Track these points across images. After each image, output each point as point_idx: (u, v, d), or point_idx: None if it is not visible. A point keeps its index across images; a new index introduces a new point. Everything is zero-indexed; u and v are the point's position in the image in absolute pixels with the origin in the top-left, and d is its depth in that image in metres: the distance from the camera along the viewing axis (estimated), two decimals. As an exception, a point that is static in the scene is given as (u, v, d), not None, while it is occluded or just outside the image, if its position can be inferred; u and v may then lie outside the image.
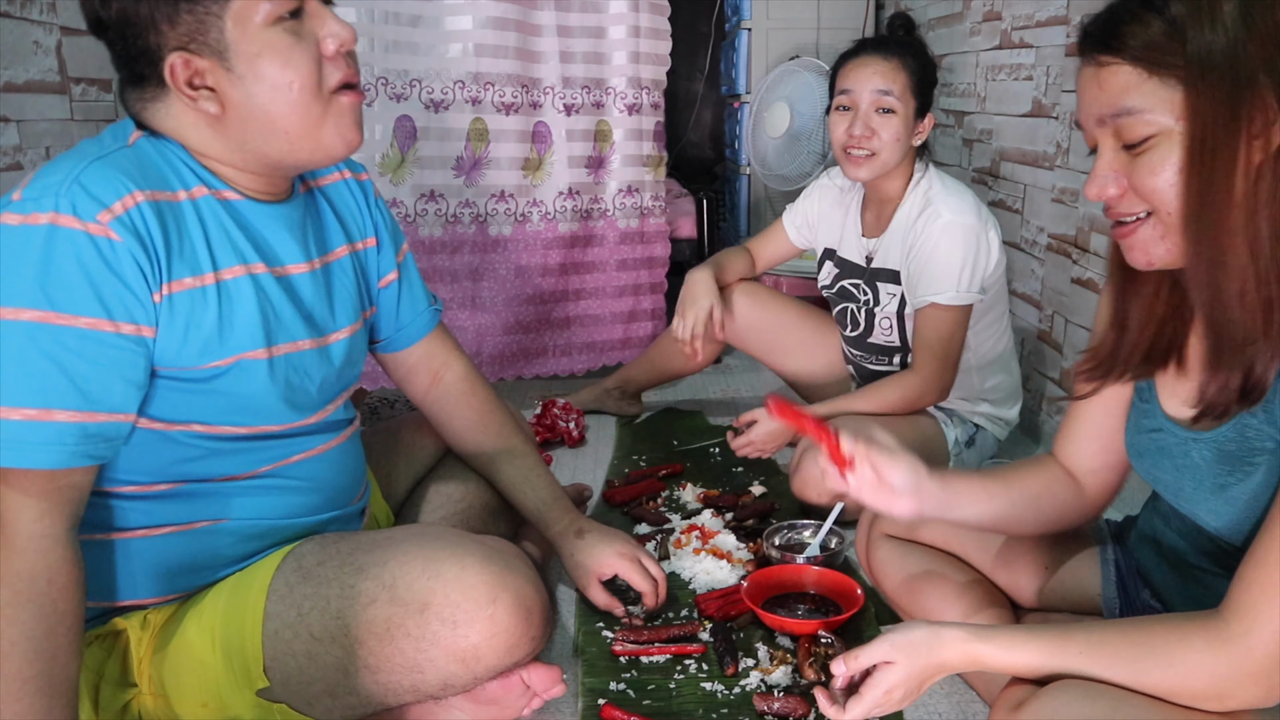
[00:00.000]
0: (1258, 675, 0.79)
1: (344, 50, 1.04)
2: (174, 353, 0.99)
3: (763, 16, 3.27)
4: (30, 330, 0.90)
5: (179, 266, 0.99)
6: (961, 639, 0.91)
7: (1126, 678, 0.83)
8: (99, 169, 0.95)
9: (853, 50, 1.86)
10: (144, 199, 0.96)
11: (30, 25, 1.83)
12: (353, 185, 1.27)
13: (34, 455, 0.90)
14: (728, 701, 1.25)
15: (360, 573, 1.05)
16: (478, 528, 1.39)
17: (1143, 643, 0.84)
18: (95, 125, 2.02)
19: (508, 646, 1.06)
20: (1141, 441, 1.01)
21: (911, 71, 1.80)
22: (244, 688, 1.05)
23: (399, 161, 2.43)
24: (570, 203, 2.63)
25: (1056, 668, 0.87)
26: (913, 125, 1.81)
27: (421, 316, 1.36)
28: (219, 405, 1.04)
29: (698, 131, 4.23)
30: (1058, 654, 0.87)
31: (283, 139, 1.03)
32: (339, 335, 1.18)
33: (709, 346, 2.21)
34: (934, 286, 1.76)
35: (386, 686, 1.05)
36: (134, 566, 1.06)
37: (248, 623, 1.04)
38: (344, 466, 1.21)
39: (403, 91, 2.39)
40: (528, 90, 2.52)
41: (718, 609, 1.44)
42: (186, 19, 0.97)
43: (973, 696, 1.27)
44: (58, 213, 0.91)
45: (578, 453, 2.20)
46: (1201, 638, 0.81)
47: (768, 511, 1.81)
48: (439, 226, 2.51)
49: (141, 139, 1.03)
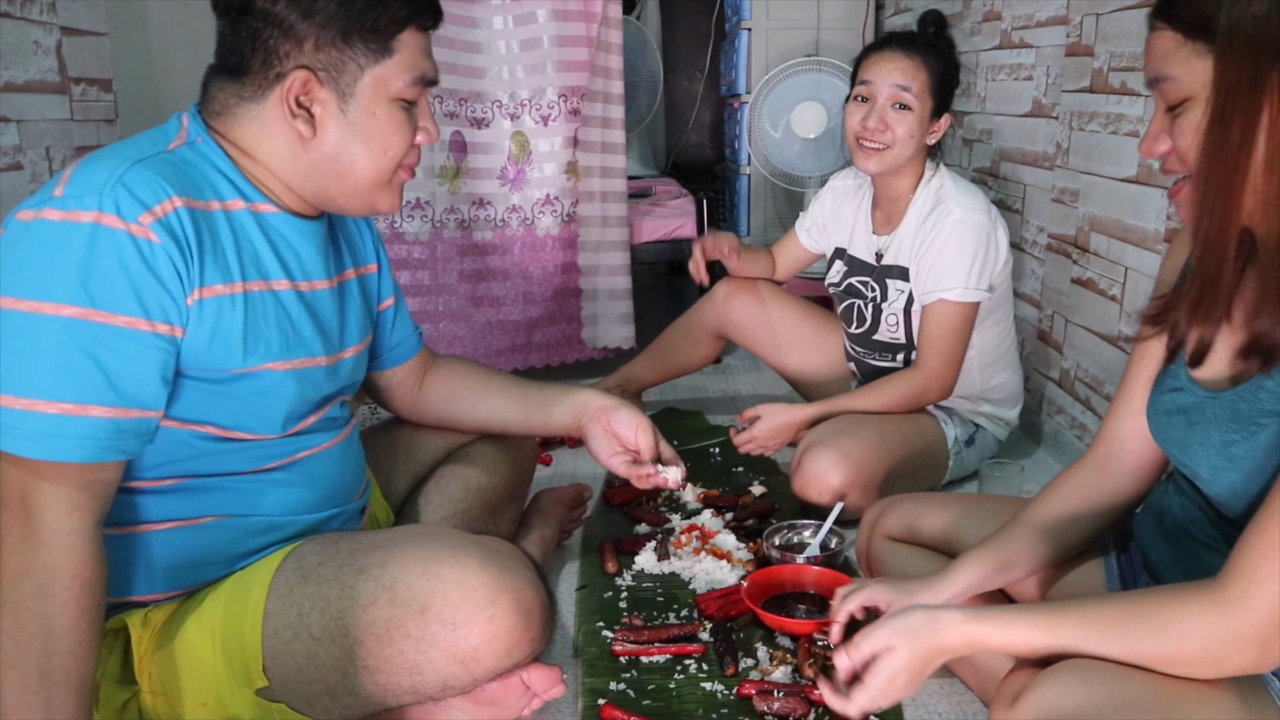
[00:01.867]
0: (1253, 639, 0.79)
1: (427, 143, 1.15)
2: (199, 355, 1.01)
3: (763, 16, 3.27)
4: (70, 326, 0.91)
5: (212, 272, 1.01)
6: (960, 620, 0.91)
7: (1121, 650, 0.84)
8: (141, 171, 0.97)
9: (878, 43, 1.87)
10: (181, 204, 0.98)
11: (30, 25, 1.83)
12: None
13: (68, 449, 0.91)
14: (728, 701, 1.25)
15: (361, 573, 1.05)
16: (478, 528, 1.39)
17: (1137, 612, 0.84)
18: (95, 125, 2.02)
19: (507, 648, 1.06)
20: (1160, 400, 1.02)
21: (933, 71, 1.80)
22: (243, 687, 1.05)
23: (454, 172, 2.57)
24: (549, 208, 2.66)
25: (1052, 644, 0.87)
26: (928, 124, 1.82)
27: (410, 338, 1.41)
28: (233, 409, 1.06)
29: (698, 131, 4.23)
30: (1053, 629, 0.87)
31: (349, 185, 1.10)
32: (348, 353, 1.21)
33: (710, 342, 2.25)
34: (943, 282, 1.76)
35: (385, 687, 1.05)
36: (137, 561, 1.06)
37: (248, 622, 1.05)
38: (345, 464, 1.22)
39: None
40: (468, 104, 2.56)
41: (718, 609, 1.44)
42: (332, 52, 1.04)
43: (971, 697, 1.28)
44: (102, 212, 0.93)
45: (578, 453, 2.20)
46: (1197, 602, 0.81)
47: (768, 511, 1.81)
48: (488, 231, 2.63)
49: (182, 147, 1.05)
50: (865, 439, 1.73)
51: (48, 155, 1.83)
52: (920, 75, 1.79)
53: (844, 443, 1.71)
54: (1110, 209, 1.88)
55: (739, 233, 3.44)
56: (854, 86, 1.87)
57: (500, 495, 1.45)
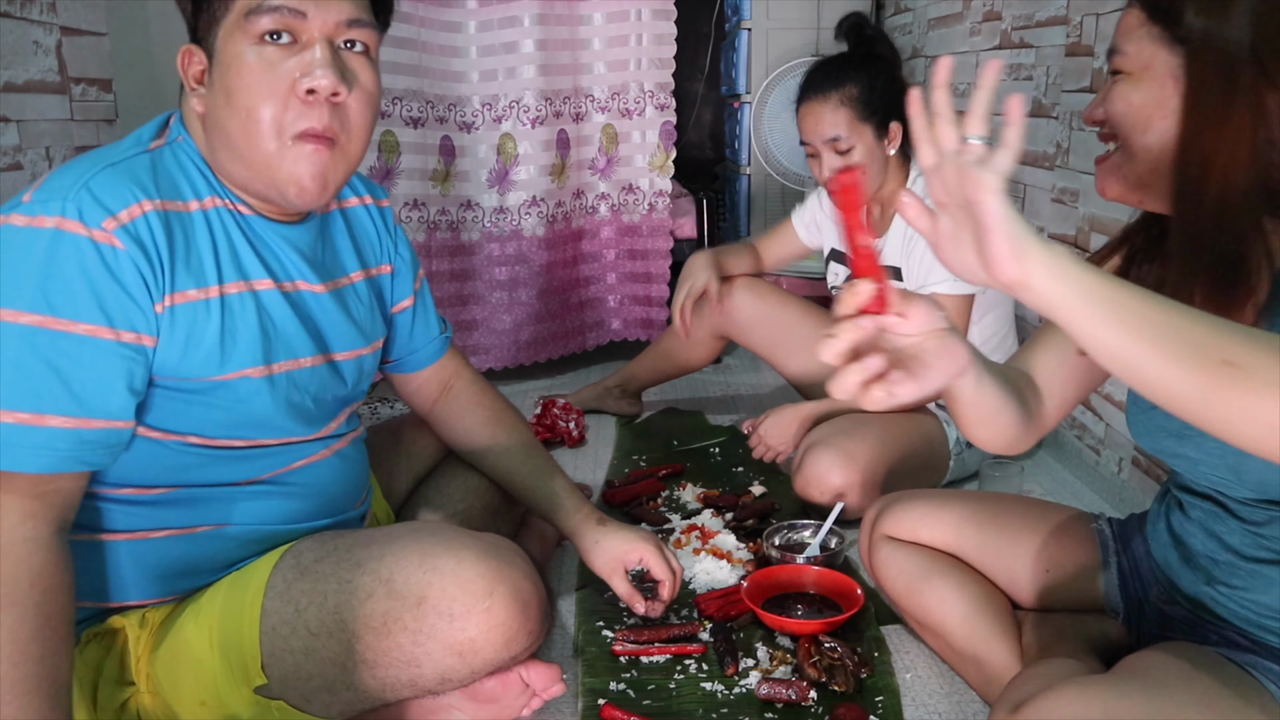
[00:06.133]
0: None
1: (321, 96, 0.98)
2: (174, 363, 0.99)
3: (763, 16, 3.27)
4: (28, 333, 0.90)
5: (184, 278, 0.98)
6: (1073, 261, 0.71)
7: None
8: (109, 176, 0.95)
9: (799, 94, 1.85)
10: (152, 208, 0.96)
11: (30, 25, 1.83)
12: (373, 211, 1.27)
13: (22, 459, 0.89)
14: (728, 701, 1.25)
15: (358, 568, 1.05)
16: (478, 528, 1.39)
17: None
18: (95, 125, 2.02)
19: (505, 640, 1.06)
20: (1153, 417, 1.01)
21: (854, 98, 1.77)
22: (242, 685, 1.05)
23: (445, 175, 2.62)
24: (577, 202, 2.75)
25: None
26: (880, 143, 1.81)
27: (434, 343, 1.38)
28: (218, 419, 1.05)
29: (698, 131, 4.22)
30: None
31: (240, 163, 1.01)
32: (350, 354, 1.18)
33: (710, 342, 2.23)
34: (933, 275, 1.77)
35: (384, 681, 1.05)
36: (132, 568, 1.06)
37: (245, 620, 1.04)
38: (345, 474, 1.21)
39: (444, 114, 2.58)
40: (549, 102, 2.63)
41: (718, 609, 1.44)
42: (204, 8, 0.98)
43: (972, 696, 1.27)
44: (64, 217, 0.91)
45: (578, 453, 2.20)
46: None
47: (768, 511, 1.80)
48: (476, 232, 2.65)
49: (164, 145, 1.03)
50: (867, 439, 1.73)
51: (48, 155, 1.83)
52: (841, 112, 1.77)
53: (845, 443, 1.71)
54: (1110, 209, 1.88)
55: (739, 232, 3.43)
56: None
57: (500, 496, 1.45)
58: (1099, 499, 1.91)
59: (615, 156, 2.75)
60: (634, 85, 2.70)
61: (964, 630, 1.24)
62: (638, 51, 2.68)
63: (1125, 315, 0.68)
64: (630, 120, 2.72)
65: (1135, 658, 0.96)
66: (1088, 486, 1.98)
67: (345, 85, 1.00)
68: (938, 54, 2.87)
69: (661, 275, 2.81)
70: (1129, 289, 0.69)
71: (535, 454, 1.42)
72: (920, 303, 0.76)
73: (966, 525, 1.30)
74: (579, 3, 2.64)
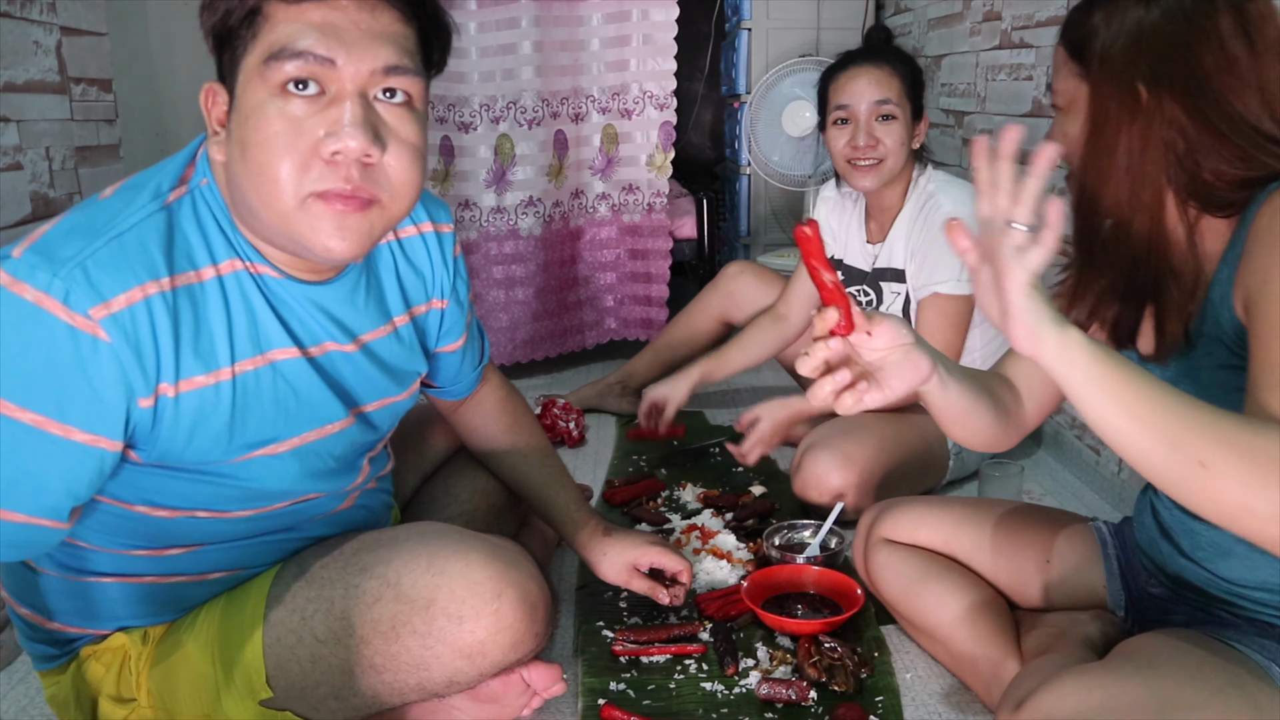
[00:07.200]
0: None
1: (349, 160, 0.86)
2: (179, 450, 0.93)
3: (763, 16, 3.27)
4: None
5: (190, 363, 0.90)
6: (1081, 341, 0.77)
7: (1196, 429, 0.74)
8: (113, 251, 0.85)
9: (841, 63, 1.88)
10: (156, 291, 0.86)
11: (30, 25, 1.82)
12: (430, 241, 1.15)
13: None
14: (728, 701, 1.25)
15: (364, 572, 1.05)
16: (482, 529, 1.39)
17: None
18: (95, 125, 2.02)
19: (513, 642, 1.05)
20: None
21: (904, 76, 1.84)
22: (246, 699, 1.04)
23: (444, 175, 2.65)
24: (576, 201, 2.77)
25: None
26: (912, 129, 1.85)
27: (465, 380, 1.33)
28: (229, 494, 1.00)
29: (698, 131, 4.22)
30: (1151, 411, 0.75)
31: (258, 221, 0.91)
32: (383, 403, 1.13)
33: (713, 326, 2.32)
34: (936, 276, 1.78)
35: (392, 686, 1.04)
36: (118, 601, 1.05)
37: (247, 633, 1.04)
38: (364, 521, 1.19)
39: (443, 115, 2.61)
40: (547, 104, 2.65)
41: (718, 609, 1.44)
42: (228, 42, 0.88)
43: (971, 697, 1.28)
44: (47, 294, 0.81)
45: (578, 453, 2.20)
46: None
47: (768, 511, 1.81)
48: (474, 231, 2.69)
49: (184, 195, 0.93)
50: (865, 440, 1.73)
51: (48, 155, 1.83)
52: (894, 83, 1.83)
53: (844, 444, 1.71)
54: (1110, 209, 1.88)
55: (739, 232, 3.43)
56: (828, 111, 1.88)
57: (506, 497, 1.45)
58: (1099, 499, 1.91)
59: (615, 157, 2.76)
60: (634, 85, 2.70)
61: (963, 631, 1.24)
62: (638, 52, 2.68)
63: (1120, 404, 0.75)
64: (630, 120, 2.73)
65: (1126, 644, 0.98)
66: (1088, 486, 1.98)
67: (378, 146, 0.87)
68: (938, 54, 2.87)
69: (661, 275, 2.82)
70: (1129, 377, 0.76)
71: (550, 463, 1.41)
72: (887, 322, 0.85)
73: (966, 524, 1.30)
74: (579, 3, 2.64)
